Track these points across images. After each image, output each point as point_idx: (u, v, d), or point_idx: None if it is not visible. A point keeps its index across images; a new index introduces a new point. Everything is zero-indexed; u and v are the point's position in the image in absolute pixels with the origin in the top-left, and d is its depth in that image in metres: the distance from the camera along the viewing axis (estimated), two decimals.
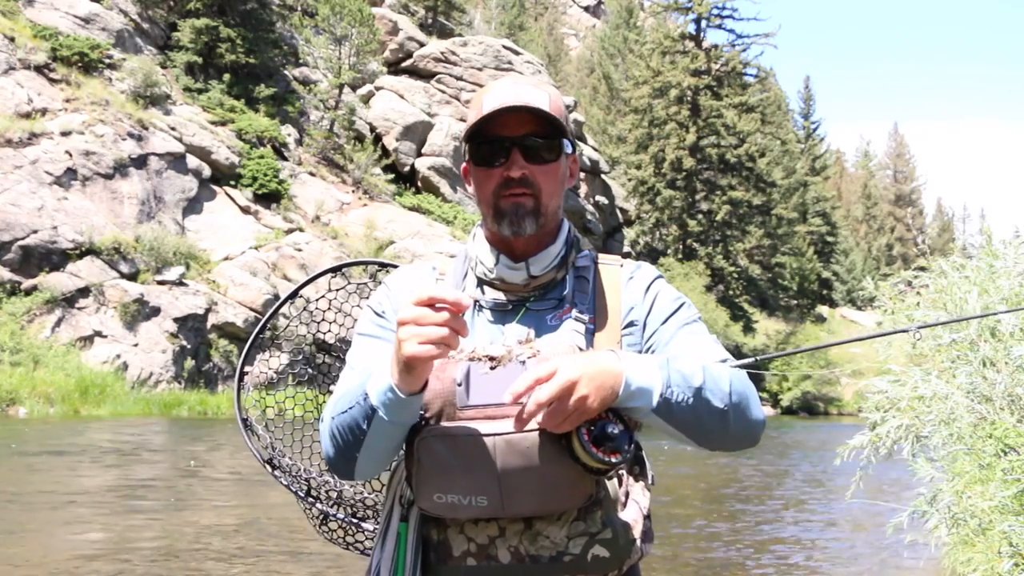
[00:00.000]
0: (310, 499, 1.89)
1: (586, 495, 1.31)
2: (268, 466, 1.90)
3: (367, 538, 1.92)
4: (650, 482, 1.47)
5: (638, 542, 1.39)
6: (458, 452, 1.29)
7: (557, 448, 1.27)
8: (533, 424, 1.27)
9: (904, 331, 1.59)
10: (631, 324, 1.48)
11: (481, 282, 1.51)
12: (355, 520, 1.88)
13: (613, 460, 1.24)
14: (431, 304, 1.23)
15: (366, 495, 1.91)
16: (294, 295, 2.02)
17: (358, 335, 1.54)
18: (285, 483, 1.89)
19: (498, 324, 1.47)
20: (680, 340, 1.45)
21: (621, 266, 1.54)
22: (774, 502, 9.87)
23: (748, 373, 1.41)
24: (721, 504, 9.40)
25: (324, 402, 1.98)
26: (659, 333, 1.47)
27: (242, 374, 1.94)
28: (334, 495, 1.90)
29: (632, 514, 1.40)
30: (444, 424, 1.31)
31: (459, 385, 1.31)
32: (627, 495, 1.41)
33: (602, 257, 1.55)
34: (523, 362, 1.30)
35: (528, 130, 1.43)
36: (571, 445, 1.25)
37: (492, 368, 1.28)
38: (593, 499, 1.33)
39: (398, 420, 1.30)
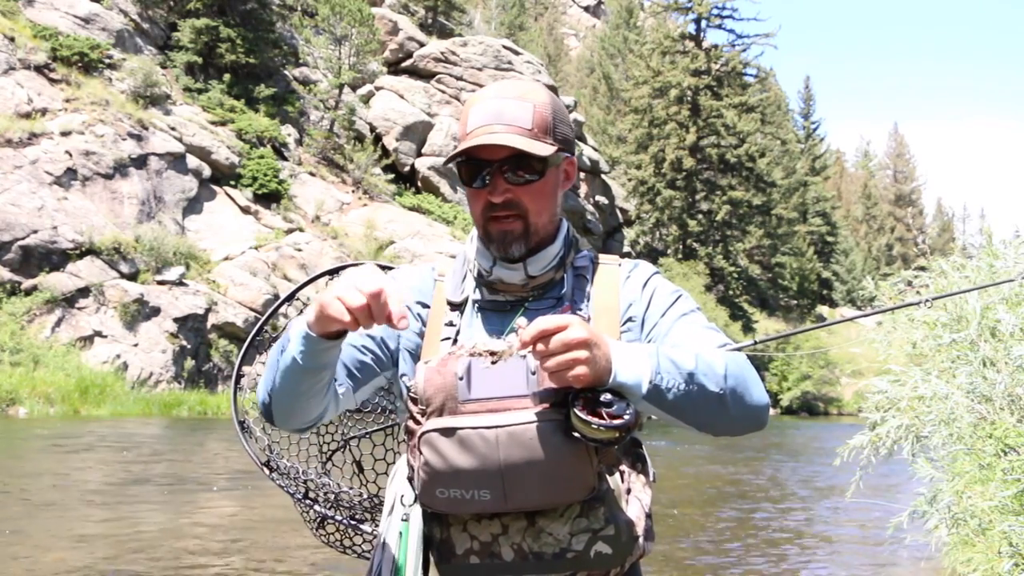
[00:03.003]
0: (307, 501, 1.89)
1: (589, 488, 1.32)
2: (265, 468, 1.90)
3: (365, 541, 1.91)
4: (651, 479, 1.47)
5: (640, 539, 1.39)
6: (460, 446, 1.29)
7: (559, 439, 1.27)
8: (532, 416, 1.28)
9: (917, 303, 1.59)
10: (630, 320, 1.49)
11: (479, 283, 1.51)
12: (353, 522, 1.88)
13: (616, 423, 1.24)
14: (378, 295, 1.24)
15: (365, 496, 1.91)
16: (292, 296, 2.02)
17: None
18: (282, 485, 1.89)
19: (497, 324, 1.47)
20: (678, 330, 1.46)
21: (619, 265, 1.55)
22: (773, 502, 9.86)
23: (750, 358, 1.42)
24: (721, 503, 9.40)
25: None
26: (658, 327, 1.48)
27: (239, 376, 1.94)
28: (332, 497, 1.89)
29: (635, 511, 1.40)
30: (446, 418, 1.31)
31: (460, 379, 1.32)
32: (629, 491, 1.42)
33: (600, 256, 1.56)
34: (523, 356, 1.30)
35: (508, 152, 1.41)
36: (572, 424, 1.26)
37: (493, 363, 1.29)
38: (596, 493, 1.33)
39: (303, 357, 1.34)
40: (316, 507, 1.88)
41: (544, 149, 1.41)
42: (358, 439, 2.06)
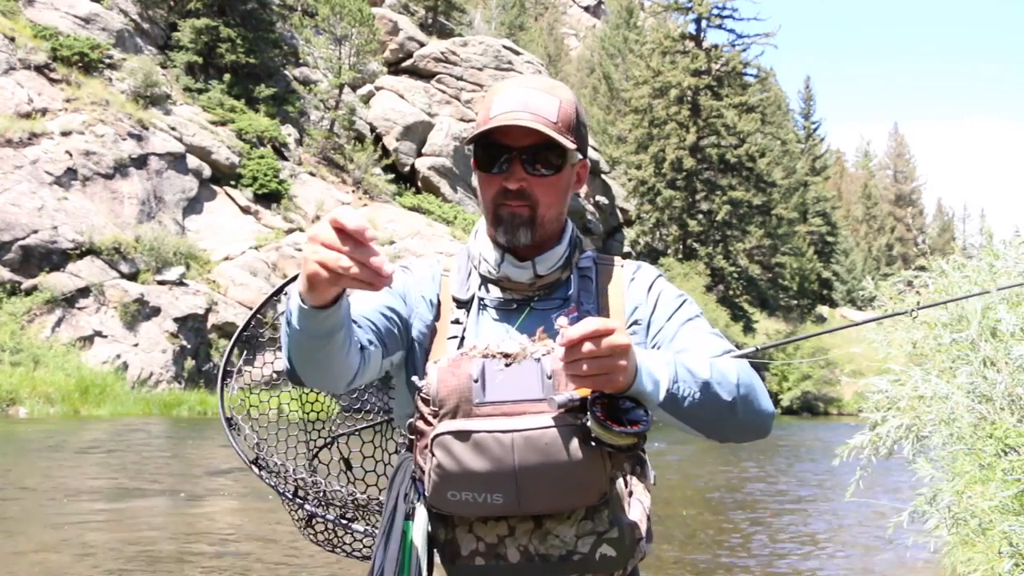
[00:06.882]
0: (297, 500, 1.87)
1: (600, 492, 1.31)
2: (254, 466, 1.89)
3: (355, 540, 1.90)
4: (651, 482, 1.47)
5: (642, 542, 1.40)
6: (475, 449, 1.28)
7: (575, 445, 1.27)
8: (548, 421, 1.27)
9: (903, 313, 1.61)
10: (635, 323, 1.49)
11: (485, 280, 1.50)
12: (344, 521, 1.86)
13: (635, 430, 1.25)
14: (339, 229, 1.10)
15: (357, 495, 1.89)
16: (279, 291, 2.00)
17: None
18: (271, 483, 1.88)
19: (503, 323, 1.47)
20: (683, 336, 1.47)
21: (622, 266, 1.55)
22: (774, 502, 9.85)
23: (751, 364, 1.43)
24: (720, 504, 9.38)
25: (313, 400, 1.98)
26: (663, 331, 1.48)
27: (225, 373, 1.93)
28: (322, 496, 1.88)
29: (637, 514, 1.40)
30: (460, 420, 1.30)
31: (475, 382, 1.30)
32: (631, 494, 1.42)
33: (602, 257, 1.56)
34: (538, 359, 1.30)
35: (531, 141, 1.42)
36: (592, 431, 1.25)
37: (507, 365, 1.28)
38: (605, 497, 1.33)
39: (303, 328, 1.22)
40: (306, 506, 1.87)
41: (568, 143, 1.42)
42: (347, 436, 2.05)
